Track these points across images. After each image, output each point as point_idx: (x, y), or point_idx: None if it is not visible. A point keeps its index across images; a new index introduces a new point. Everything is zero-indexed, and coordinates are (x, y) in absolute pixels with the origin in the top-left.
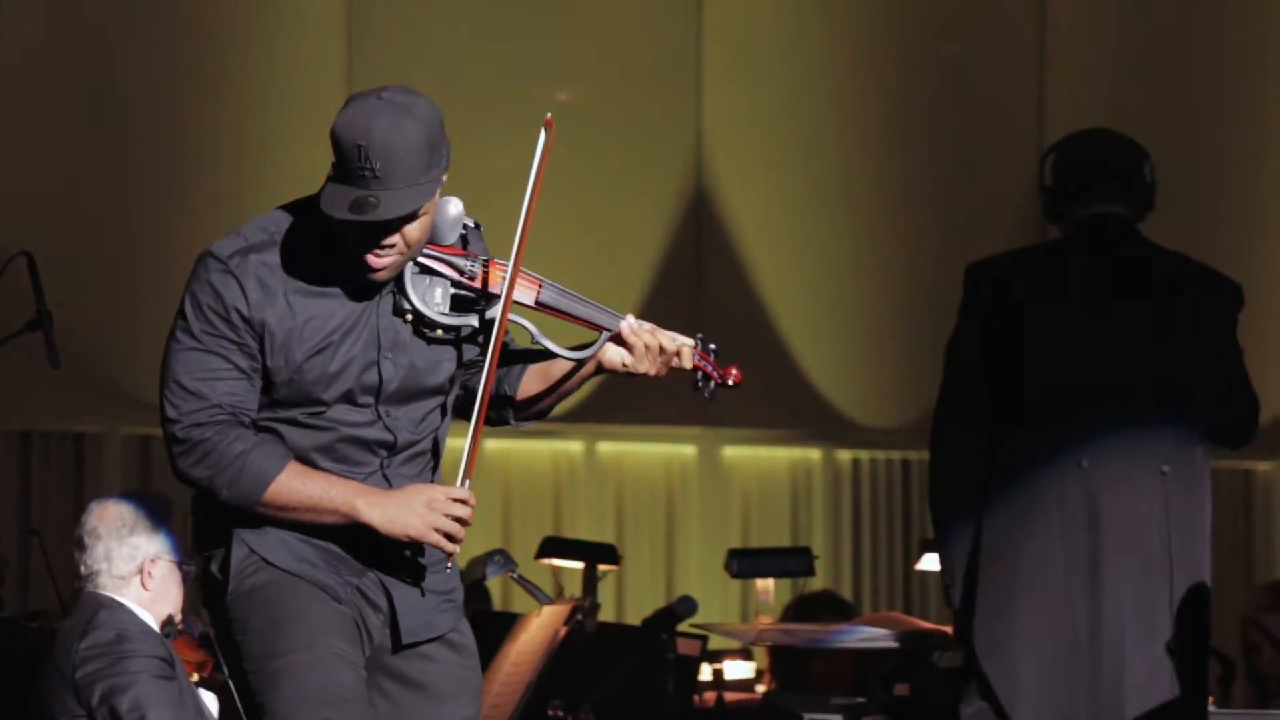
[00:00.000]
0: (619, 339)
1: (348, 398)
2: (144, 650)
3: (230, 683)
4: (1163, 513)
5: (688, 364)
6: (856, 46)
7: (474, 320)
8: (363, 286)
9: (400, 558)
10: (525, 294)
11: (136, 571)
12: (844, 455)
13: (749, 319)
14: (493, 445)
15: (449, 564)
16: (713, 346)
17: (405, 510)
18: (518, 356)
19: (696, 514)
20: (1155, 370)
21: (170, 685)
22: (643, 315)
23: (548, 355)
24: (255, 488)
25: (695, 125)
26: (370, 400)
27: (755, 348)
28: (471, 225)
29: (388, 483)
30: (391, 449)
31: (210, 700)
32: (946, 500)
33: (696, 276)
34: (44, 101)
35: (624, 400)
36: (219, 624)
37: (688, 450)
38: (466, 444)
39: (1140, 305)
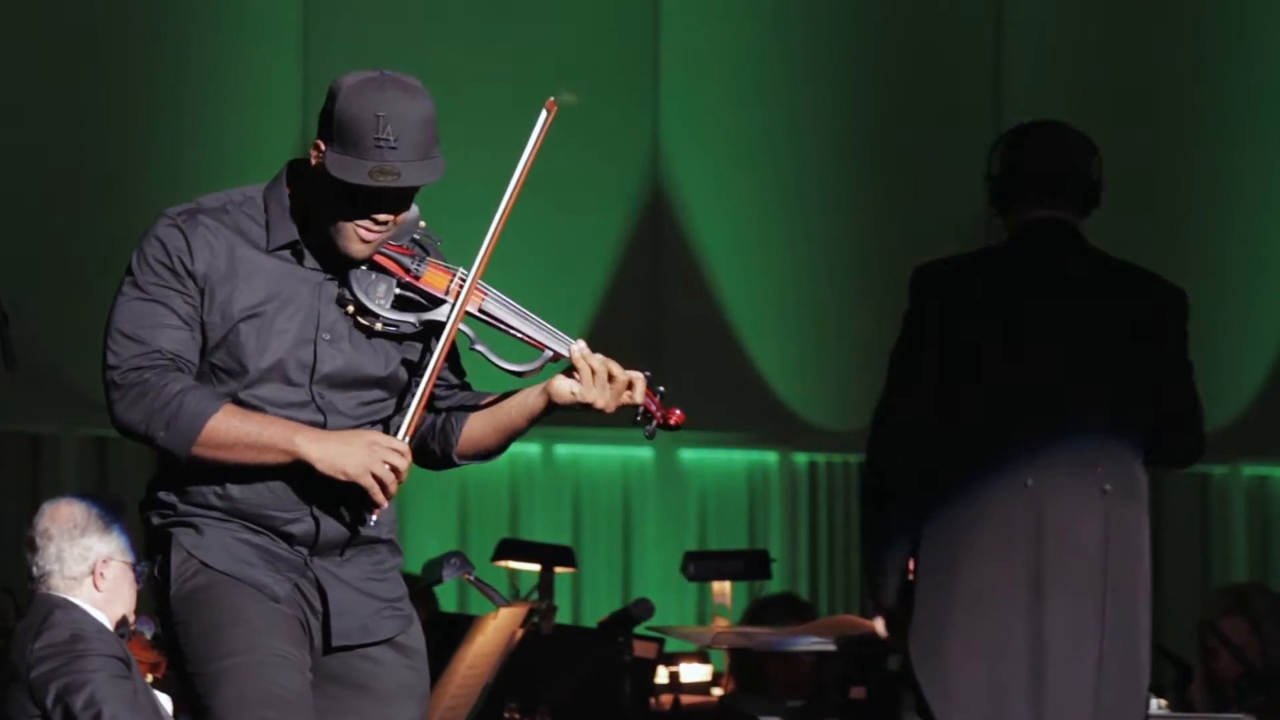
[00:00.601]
0: (568, 367)
1: (281, 372)
2: (100, 650)
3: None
4: (1102, 533)
5: (639, 397)
6: (812, 51)
7: (413, 319)
8: (308, 271)
9: (339, 556)
10: (470, 302)
11: (89, 572)
12: (801, 458)
13: (705, 322)
14: None
15: (372, 519)
16: (661, 388)
17: (345, 449)
18: (465, 401)
19: (654, 517)
20: (1100, 383)
21: (126, 685)
22: (600, 318)
23: (480, 397)
24: (192, 427)
25: (652, 129)
26: (304, 379)
27: (712, 351)
28: (434, 240)
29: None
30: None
31: (166, 701)
32: (883, 507)
33: (653, 280)
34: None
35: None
36: (164, 627)
37: (645, 453)
38: (413, 404)
39: (1085, 315)
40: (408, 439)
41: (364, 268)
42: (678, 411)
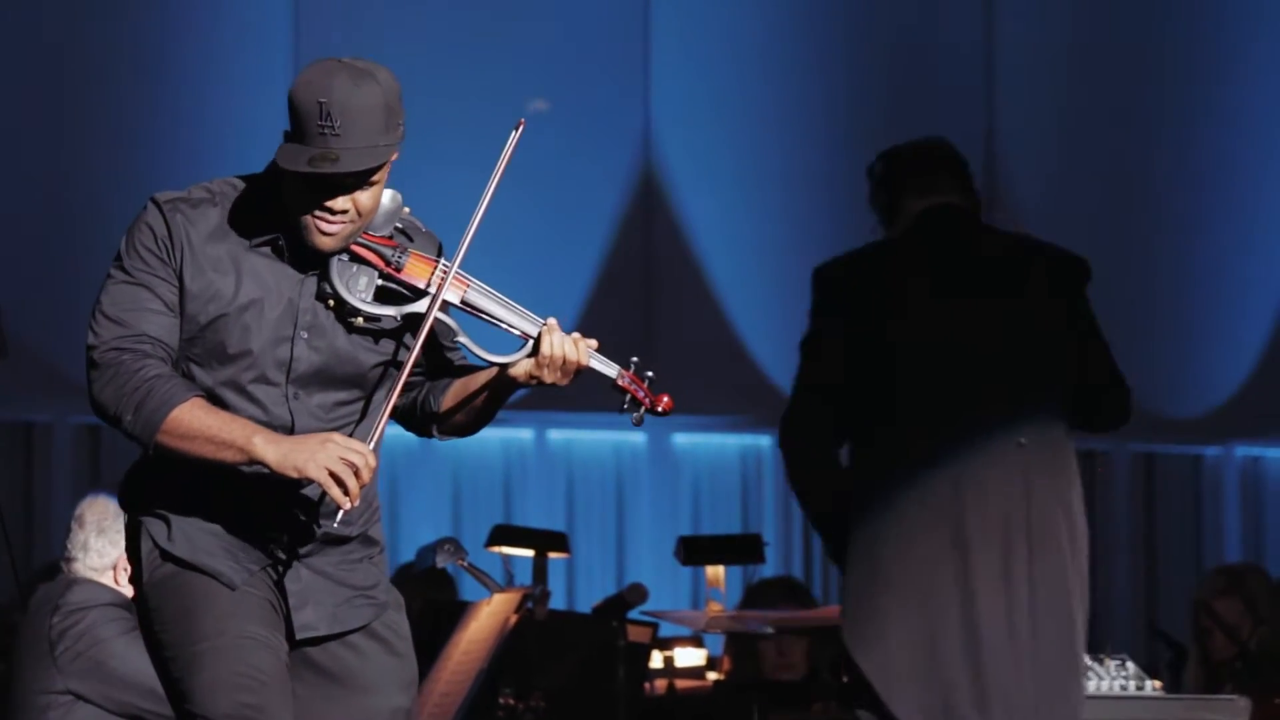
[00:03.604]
0: (533, 345)
1: (257, 369)
2: (108, 615)
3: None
4: (1022, 490)
5: (585, 359)
6: (800, 35)
7: (395, 312)
8: (290, 266)
9: (305, 548)
10: (453, 293)
11: (110, 567)
12: None
13: (698, 305)
14: None
15: (337, 519)
16: (649, 374)
17: (300, 447)
18: (449, 369)
19: (647, 501)
20: (1012, 352)
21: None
22: (592, 303)
23: (465, 370)
24: (158, 413)
25: (643, 115)
26: (281, 378)
27: (704, 334)
28: (419, 227)
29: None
30: (289, 433)
31: None
32: (808, 502)
33: (645, 266)
34: None
35: (573, 387)
36: (140, 615)
37: (638, 438)
38: (384, 407)
39: (990, 289)
40: (373, 442)
41: (345, 259)
42: (665, 398)
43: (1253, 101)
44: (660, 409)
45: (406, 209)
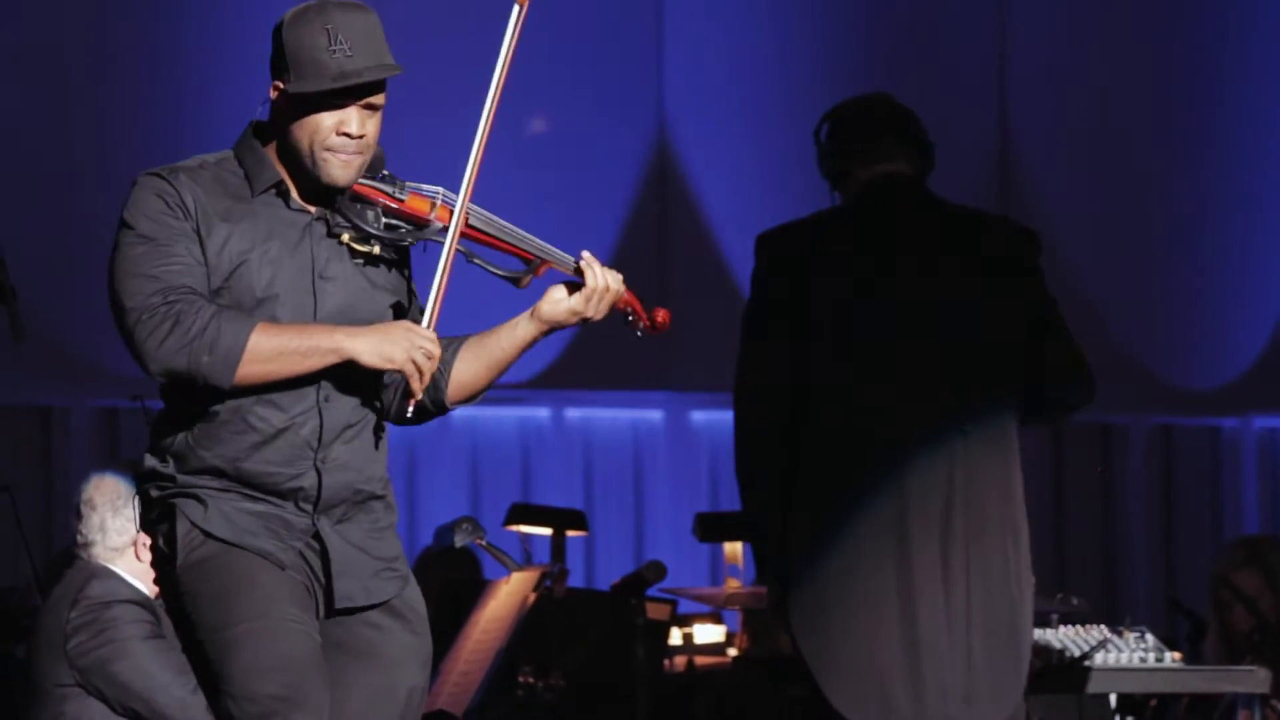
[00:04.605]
0: (563, 281)
1: (286, 313)
2: (130, 615)
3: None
4: (964, 480)
5: (618, 287)
6: (817, 17)
7: (407, 237)
8: (295, 214)
9: (338, 510)
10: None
11: (130, 544)
12: None
13: (714, 282)
14: (459, 413)
15: (409, 409)
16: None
17: (386, 337)
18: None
19: (665, 478)
20: (959, 336)
21: (162, 644)
22: None
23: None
24: (235, 348)
25: (656, 92)
26: (309, 321)
27: (720, 311)
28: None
29: (321, 419)
30: (319, 377)
31: None
32: (753, 481)
33: (660, 243)
34: (3, 80)
35: (590, 365)
36: (169, 596)
37: (655, 415)
38: (432, 296)
39: (940, 262)
40: (433, 328)
41: (347, 199)
42: (662, 310)
43: (1274, 88)
44: (659, 320)
45: (386, 170)
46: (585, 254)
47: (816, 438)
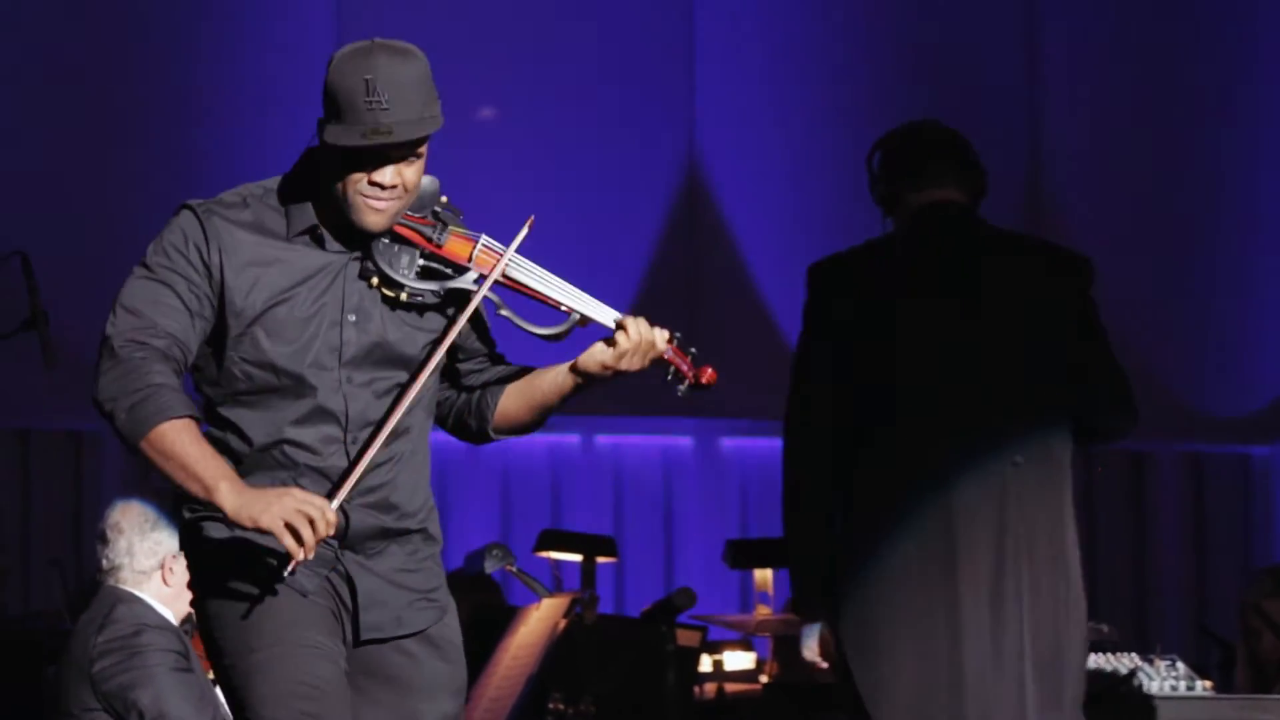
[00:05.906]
0: (604, 337)
1: (311, 356)
2: (160, 644)
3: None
4: (1016, 514)
5: (662, 347)
6: (844, 34)
7: (438, 287)
8: (330, 255)
9: (371, 546)
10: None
11: (158, 567)
12: None
13: (744, 308)
14: None
15: (288, 570)
16: (692, 350)
17: (258, 500)
18: (502, 376)
19: (695, 505)
20: (1009, 365)
21: (188, 676)
22: (638, 309)
23: (525, 371)
24: (148, 422)
25: (687, 116)
26: (334, 363)
27: (751, 337)
28: (456, 213)
29: (348, 459)
30: (344, 417)
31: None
32: (797, 506)
33: (692, 266)
34: (40, 100)
35: (621, 392)
36: (199, 621)
37: (685, 442)
38: (358, 467)
39: (990, 292)
40: (336, 501)
41: (386, 240)
42: (709, 370)
43: None
44: (704, 380)
45: (444, 197)
46: (626, 317)
47: (866, 478)
